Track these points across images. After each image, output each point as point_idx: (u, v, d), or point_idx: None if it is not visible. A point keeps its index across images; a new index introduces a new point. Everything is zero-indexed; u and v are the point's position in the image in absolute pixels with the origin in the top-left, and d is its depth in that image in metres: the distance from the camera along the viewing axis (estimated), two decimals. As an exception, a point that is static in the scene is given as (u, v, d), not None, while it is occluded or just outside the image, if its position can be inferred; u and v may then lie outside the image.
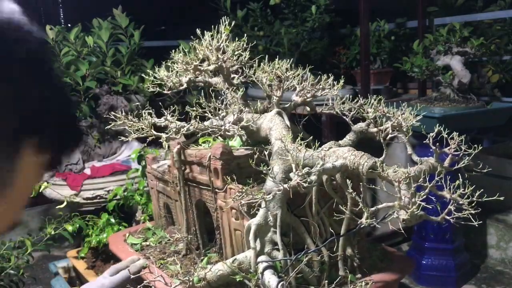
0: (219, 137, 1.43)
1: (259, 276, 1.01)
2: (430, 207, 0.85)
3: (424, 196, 0.84)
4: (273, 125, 1.17)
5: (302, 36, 3.60)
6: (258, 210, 1.10)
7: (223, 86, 1.35)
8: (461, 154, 0.94)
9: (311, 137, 1.22)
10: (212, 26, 1.26)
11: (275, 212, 1.06)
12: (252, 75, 1.30)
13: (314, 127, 1.29)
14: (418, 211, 0.83)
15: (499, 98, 3.20)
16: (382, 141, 1.00)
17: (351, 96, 1.25)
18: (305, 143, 1.06)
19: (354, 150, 0.99)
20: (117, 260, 1.53)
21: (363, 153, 0.98)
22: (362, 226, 0.92)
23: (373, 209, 0.87)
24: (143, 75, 1.38)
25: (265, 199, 0.97)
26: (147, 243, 1.55)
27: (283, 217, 1.05)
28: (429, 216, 0.85)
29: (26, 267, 1.98)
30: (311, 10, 3.52)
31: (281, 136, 1.12)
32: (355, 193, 0.93)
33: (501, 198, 0.88)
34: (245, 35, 1.38)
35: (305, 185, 0.92)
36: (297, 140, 1.05)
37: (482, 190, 0.88)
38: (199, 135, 1.40)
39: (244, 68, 1.33)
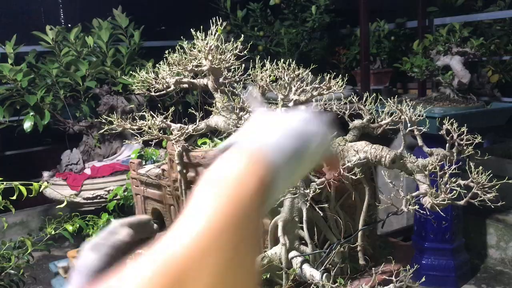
0: (215, 138, 1.43)
1: (297, 270, 1.03)
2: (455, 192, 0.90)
3: (456, 183, 0.88)
4: None
5: (302, 36, 3.61)
6: (277, 207, 1.12)
7: (212, 87, 1.35)
8: (465, 144, 0.99)
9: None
10: (201, 27, 1.26)
11: (301, 207, 1.08)
12: (252, 75, 1.30)
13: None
14: (451, 196, 0.87)
15: (499, 98, 3.20)
16: (402, 133, 1.03)
17: (351, 96, 1.26)
18: None
19: (371, 144, 1.03)
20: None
21: (381, 146, 1.01)
22: (391, 215, 0.97)
23: (414, 194, 0.91)
24: (144, 73, 1.36)
25: (306, 193, 1.00)
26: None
27: (307, 212, 1.08)
28: (455, 201, 0.88)
29: (26, 267, 1.98)
30: (311, 10, 3.52)
31: None
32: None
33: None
34: (243, 35, 1.38)
35: (355, 177, 0.96)
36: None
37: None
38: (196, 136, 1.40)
39: (237, 69, 1.33)
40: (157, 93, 1.35)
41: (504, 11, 3.28)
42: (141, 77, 1.35)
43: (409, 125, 1.05)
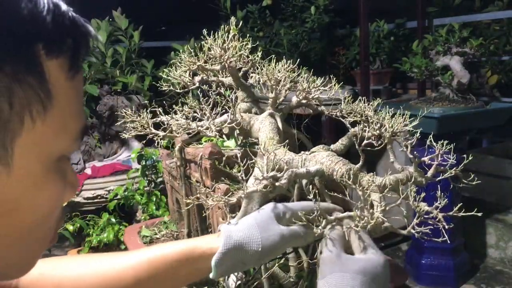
0: (219, 137, 1.44)
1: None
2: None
3: (392, 206, 0.77)
4: (262, 126, 1.17)
5: (301, 36, 3.61)
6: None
7: (234, 86, 1.35)
8: (448, 164, 0.84)
9: (294, 138, 1.21)
10: (222, 27, 1.26)
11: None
12: (254, 75, 1.30)
13: (317, 128, 1.28)
14: (383, 223, 0.75)
15: (498, 98, 3.21)
16: (357, 147, 0.90)
17: (351, 97, 1.24)
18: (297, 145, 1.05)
19: (332, 156, 0.93)
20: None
21: (340, 159, 0.92)
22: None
23: (332, 218, 0.79)
24: (162, 73, 1.36)
25: (242, 199, 0.95)
26: (158, 236, 1.58)
27: None
28: (396, 229, 0.77)
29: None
30: (310, 11, 3.53)
31: (267, 138, 1.10)
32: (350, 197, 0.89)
33: None
34: (246, 36, 1.38)
35: (284, 185, 0.88)
36: (284, 143, 1.03)
37: (481, 190, 0.85)
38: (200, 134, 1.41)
39: (248, 68, 1.33)
40: (182, 90, 1.35)
41: (503, 11, 3.28)
42: (174, 76, 1.34)
43: (388, 134, 0.91)
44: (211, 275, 0.74)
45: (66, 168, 0.45)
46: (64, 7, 0.42)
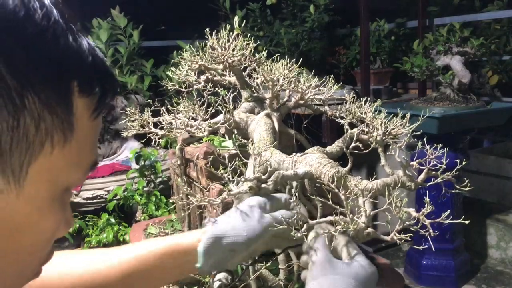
0: (223, 136, 1.43)
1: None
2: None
3: (375, 212, 0.74)
4: (257, 127, 1.16)
5: (301, 36, 3.60)
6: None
7: (238, 85, 1.34)
8: (441, 169, 0.80)
9: (292, 139, 1.19)
10: (224, 26, 1.25)
11: None
12: (254, 76, 1.29)
13: (317, 128, 1.27)
14: (366, 229, 0.74)
15: (499, 98, 3.20)
16: (345, 150, 0.88)
17: (351, 97, 1.23)
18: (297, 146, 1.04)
19: (322, 158, 0.91)
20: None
21: (329, 161, 0.89)
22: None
23: (314, 222, 0.78)
24: (169, 72, 1.35)
25: (233, 199, 0.94)
26: (155, 235, 1.59)
27: None
28: (379, 235, 0.76)
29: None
30: (310, 10, 3.52)
31: (261, 139, 1.09)
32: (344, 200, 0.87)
33: None
34: (244, 35, 1.37)
35: (270, 186, 0.87)
36: (274, 143, 1.02)
37: (482, 190, 0.83)
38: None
39: (253, 68, 1.31)
40: (187, 89, 1.35)
41: (503, 11, 3.27)
42: (178, 76, 1.34)
43: (379, 137, 0.88)
44: (197, 265, 0.75)
45: (67, 202, 0.47)
46: (100, 54, 0.46)
